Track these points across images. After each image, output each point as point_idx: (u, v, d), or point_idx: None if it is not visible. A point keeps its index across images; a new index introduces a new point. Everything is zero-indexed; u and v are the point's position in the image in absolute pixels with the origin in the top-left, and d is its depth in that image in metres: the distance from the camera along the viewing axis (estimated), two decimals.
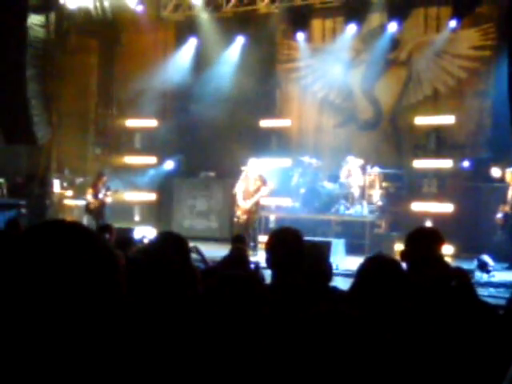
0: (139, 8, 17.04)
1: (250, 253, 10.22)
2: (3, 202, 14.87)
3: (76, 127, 17.78)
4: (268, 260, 3.61)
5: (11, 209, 14.52)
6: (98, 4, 17.25)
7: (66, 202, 16.70)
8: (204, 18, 17.25)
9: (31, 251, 1.38)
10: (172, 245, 3.34)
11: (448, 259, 10.80)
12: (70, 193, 16.89)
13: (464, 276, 4.58)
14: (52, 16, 15.80)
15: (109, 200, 14.90)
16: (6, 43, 14.67)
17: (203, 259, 7.28)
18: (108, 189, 14.96)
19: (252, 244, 12.69)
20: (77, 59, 17.30)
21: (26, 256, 1.37)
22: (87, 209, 14.98)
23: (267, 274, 4.48)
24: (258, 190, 13.26)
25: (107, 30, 17.84)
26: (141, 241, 11.51)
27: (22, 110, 15.01)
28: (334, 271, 6.51)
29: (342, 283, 6.17)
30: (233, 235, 8.99)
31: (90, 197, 14.80)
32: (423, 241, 3.69)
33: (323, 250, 5.20)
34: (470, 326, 2.96)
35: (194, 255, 7.14)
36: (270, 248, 3.62)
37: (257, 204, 13.38)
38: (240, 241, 8.25)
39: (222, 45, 17.05)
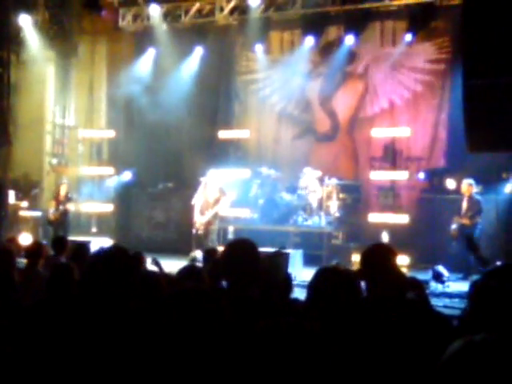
0: (97, 18, 16.94)
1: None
2: None
3: (32, 138, 17.54)
4: (223, 271, 3.61)
5: None
6: (55, 15, 17.08)
7: (21, 213, 16.44)
8: (162, 28, 17.22)
9: None
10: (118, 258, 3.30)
11: (404, 269, 10.94)
12: (25, 204, 16.64)
13: (419, 287, 4.65)
14: (7, 27, 15.60)
15: (71, 208, 14.80)
16: None
17: (161, 271, 7.24)
18: (69, 199, 14.84)
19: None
20: (34, 70, 17.10)
21: None
22: (48, 221, 14.84)
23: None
24: (217, 201, 13.24)
25: (64, 41, 17.68)
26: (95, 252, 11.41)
27: None
28: (292, 282, 6.53)
29: (299, 294, 6.19)
30: (205, 249, 8.98)
31: (52, 209, 14.69)
32: (377, 258, 3.75)
33: (279, 262, 5.22)
34: (424, 337, 3.00)
35: (153, 267, 7.11)
36: (225, 259, 3.62)
37: (216, 215, 13.36)
38: (210, 254, 8.23)
39: (181, 56, 17.04)
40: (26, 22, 16.35)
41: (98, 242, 12.86)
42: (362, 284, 3.49)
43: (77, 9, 17.37)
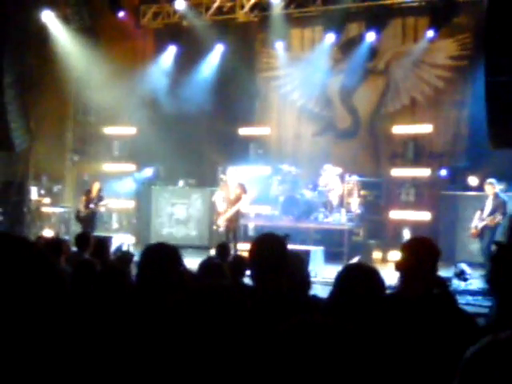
0: (121, 14, 17.01)
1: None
2: None
3: (54, 134, 17.67)
4: (251, 267, 3.57)
5: None
6: (77, 11, 17.19)
7: (44, 209, 16.58)
8: (183, 25, 17.25)
9: None
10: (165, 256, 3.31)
11: None
12: (47, 200, 16.77)
13: (442, 284, 4.62)
14: (30, 24, 15.72)
15: (102, 209, 14.87)
16: None
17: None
18: (101, 198, 14.90)
19: (232, 252, 12.67)
20: (55, 66, 17.21)
21: None
22: (77, 217, 14.89)
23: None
24: (238, 198, 13.24)
25: (85, 37, 17.77)
26: (119, 248, 11.49)
27: (0, 117, 14.90)
28: (313, 279, 6.53)
29: (320, 291, 6.19)
30: (217, 244, 8.96)
31: (81, 206, 14.76)
32: (420, 252, 3.61)
33: (302, 259, 5.21)
34: (450, 334, 2.99)
35: None
36: (254, 254, 3.57)
37: (237, 212, 13.36)
38: (223, 249, 8.24)
39: (202, 53, 17.06)
40: (48, 18, 16.44)
41: (119, 239, 12.97)
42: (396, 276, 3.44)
43: (98, 5, 17.44)
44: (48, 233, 15.10)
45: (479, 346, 1.52)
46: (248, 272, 3.90)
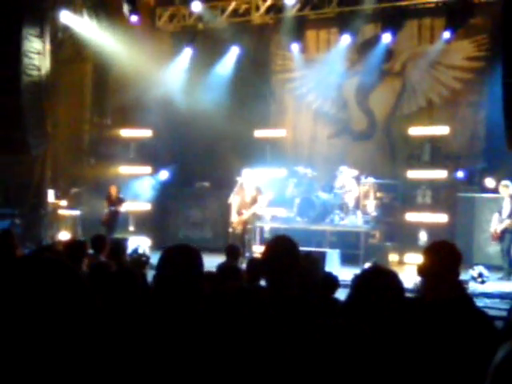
0: (134, 18, 17.06)
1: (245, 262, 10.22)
2: None
3: (71, 137, 17.76)
4: (264, 268, 3.59)
5: (5, 219, 14.48)
6: (93, 14, 17.27)
7: (61, 212, 16.65)
8: (199, 28, 17.28)
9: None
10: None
11: None
12: (64, 203, 16.84)
13: (460, 287, 4.58)
14: (47, 26, 15.80)
15: (122, 210, 14.97)
16: (1, 54, 14.65)
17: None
18: (121, 200, 15.02)
19: (247, 254, 12.68)
20: (71, 69, 17.30)
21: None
22: (101, 221, 15.07)
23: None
24: (254, 200, 13.24)
25: (102, 40, 17.84)
26: (136, 251, 11.53)
27: (17, 120, 14.98)
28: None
29: (337, 293, 6.17)
30: (227, 246, 8.93)
31: (105, 210, 14.96)
32: (442, 256, 3.58)
33: (317, 261, 5.20)
34: (470, 338, 2.97)
35: None
36: (266, 258, 3.60)
37: (253, 214, 13.36)
38: (233, 251, 8.23)
39: (217, 55, 17.09)
40: (66, 19, 16.49)
41: (136, 241, 13.01)
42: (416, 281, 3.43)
43: (115, 8, 17.50)
44: (64, 235, 15.17)
45: (508, 350, 1.51)
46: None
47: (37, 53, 15.59)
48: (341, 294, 5.02)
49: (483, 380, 1.51)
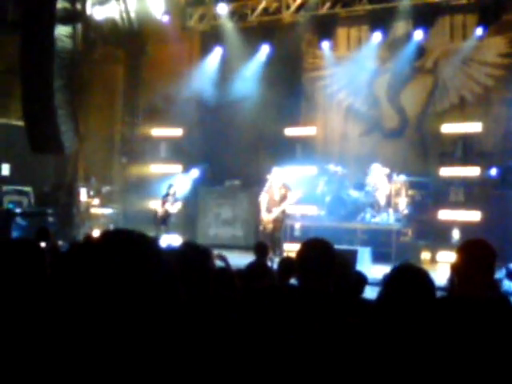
0: (165, 18, 17.16)
1: (277, 260, 10.21)
2: (31, 210, 15.02)
3: (102, 136, 17.93)
4: (298, 269, 3.58)
5: (38, 217, 14.65)
6: (124, 15, 17.42)
7: (93, 210, 16.82)
8: (229, 27, 17.31)
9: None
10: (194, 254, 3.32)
11: None
12: (96, 201, 17.01)
13: (494, 286, 4.53)
14: (79, 27, 15.95)
15: (173, 210, 14.95)
16: (34, 54, 14.84)
17: (228, 267, 7.28)
18: (176, 200, 15.04)
19: (278, 252, 12.67)
20: (103, 69, 17.46)
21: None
22: (155, 220, 15.06)
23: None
24: (283, 198, 13.22)
25: (133, 40, 17.99)
26: (167, 249, 11.59)
27: (50, 120, 15.15)
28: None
29: (368, 292, 6.13)
30: (255, 243, 8.89)
31: (158, 206, 14.96)
32: (477, 254, 3.54)
33: (349, 259, 5.18)
34: (506, 336, 2.93)
35: (218, 262, 7.15)
36: (301, 258, 3.58)
37: (283, 212, 13.33)
38: (261, 248, 8.21)
39: (247, 54, 17.09)
40: (100, 14, 16.61)
41: (167, 239, 13.08)
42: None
43: (146, 9, 17.61)
44: (97, 233, 15.31)
45: None
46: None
47: (69, 53, 15.75)
48: (373, 293, 4.99)
49: None
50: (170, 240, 12.96)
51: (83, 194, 16.77)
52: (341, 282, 4.19)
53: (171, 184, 15.33)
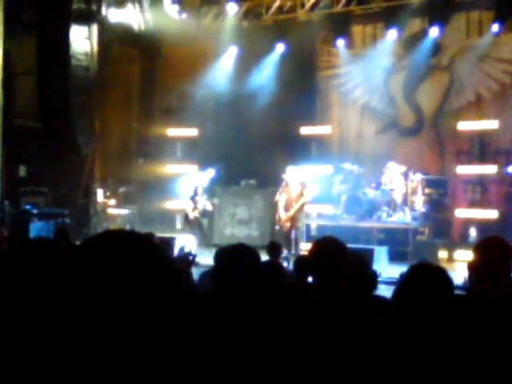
0: (180, 18, 17.19)
1: (293, 259, 10.19)
2: (48, 211, 15.07)
3: (118, 136, 17.98)
4: (311, 268, 3.58)
5: (56, 218, 14.70)
6: (139, 15, 17.46)
7: (110, 210, 16.87)
8: (244, 26, 17.30)
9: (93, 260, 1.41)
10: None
11: None
12: (113, 202, 17.06)
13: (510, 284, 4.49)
14: (94, 27, 16.01)
15: (209, 208, 14.84)
16: (50, 55, 14.92)
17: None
18: (206, 198, 14.92)
19: (294, 251, 12.63)
20: (119, 70, 17.51)
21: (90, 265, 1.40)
22: (186, 220, 14.91)
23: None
24: (300, 196, 13.17)
25: (148, 41, 18.03)
26: (182, 249, 11.58)
27: (66, 121, 15.23)
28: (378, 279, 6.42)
29: (385, 291, 6.10)
30: (268, 242, 8.84)
31: (188, 209, 14.74)
32: (494, 252, 3.51)
33: (366, 259, 5.14)
34: None
35: None
36: (312, 257, 3.60)
37: (301, 210, 13.27)
38: (274, 248, 8.17)
39: (263, 53, 17.08)
40: (115, 17, 16.65)
41: (183, 239, 13.08)
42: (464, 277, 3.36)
43: (161, 8, 17.65)
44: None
45: None
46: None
47: (85, 54, 15.82)
48: (388, 292, 4.96)
49: None
50: (185, 240, 12.96)
51: (100, 195, 16.82)
52: (356, 281, 4.16)
53: (197, 185, 15.19)
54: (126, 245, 1.43)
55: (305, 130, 16.94)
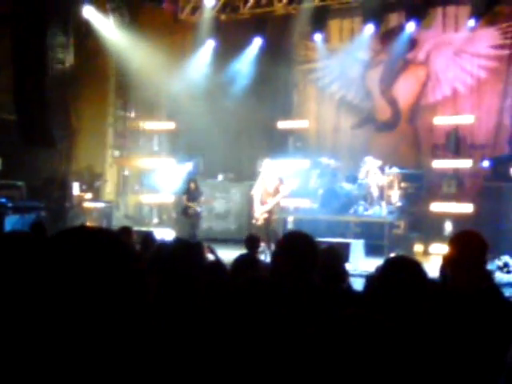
0: (157, 10, 17.10)
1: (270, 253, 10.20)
2: (23, 204, 14.94)
3: (95, 130, 17.85)
4: (279, 263, 3.60)
5: (31, 212, 14.58)
6: (116, 8, 17.32)
7: (86, 204, 16.76)
8: (221, 20, 17.26)
9: (59, 256, 1.39)
10: (184, 250, 3.32)
11: None
12: (88, 195, 16.95)
13: (488, 277, 4.54)
14: (71, 21, 15.88)
15: (198, 209, 14.54)
16: (26, 47, 14.77)
17: (218, 259, 7.28)
18: (199, 195, 14.66)
19: (272, 245, 12.63)
20: (95, 63, 17.37)
21: (55, 261, 1.38)
22: (185, 214, 14.66)
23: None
24: (277, 190, 13.16)
25: (125, 33, 17.89)
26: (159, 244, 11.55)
27: (41, 114, 15.10)
28: (354, 272, 6.48)
29: (361, 285, 6.12)
30: (246, 236, 8.84)
31: (185, 202, 14.44)
32: (468, 245, 3.55)
33: (340, 253, 5.17)
34: (496, 327, 2.94)
35: (209, 255, 7.14)
36: (280, 252, 3.62)
37: (277, 205, 13.27)
38: (252, 241, 8.18)
39: (240, 46, 17.06)
40: (89, 14, 16.55)
41: (160, 233, 13.03)
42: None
43: (137, 1, 17.56)
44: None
45: None
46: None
47: (61, 46, 15.69)
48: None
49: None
50: (162, 234, 12.93)
51: (76, 188, 16.70)
52: (331, 276, 4.19)
53: (190, 179, 15.00)
54: (87, 243, 1.42)
55: (282, 124, 16.96)
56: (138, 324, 1.43)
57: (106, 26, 16.83)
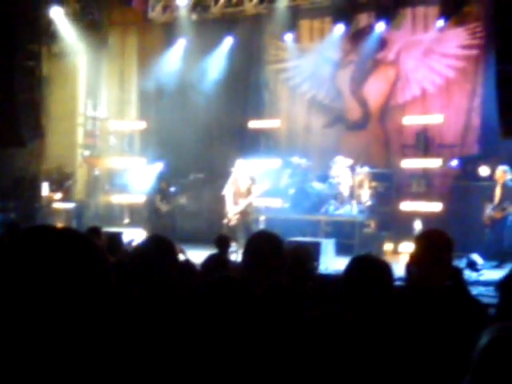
0: (127, 9, 17.01)
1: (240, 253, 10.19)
2: None
3: (64, 130, 17.69)
4: (247, 263, 3.61)
5: (0, 212, 14.44)
6: (86, 6, 17.20)
7: (55, 205, 16.62)
8: (192, 19, 17.22)
9: (25, 256, 1.37)
10: (160, 248, 3.32)
11: None
12: (58, 195, 16.81)
13: (457, 274, 4.60)
14: (40, 20, 15.74)
15: (166, 208, 14.49)
16: None
17: (187, 259, 7.29)
18: (173, 194, 14.58)
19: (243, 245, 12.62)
20: (65, 62, 17.22)
21: (20, 261, 1.36)
22: (157, 214, 14.59)
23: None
24: (249, 191, 13.17)
25: (95, 33, 17.78)
26: (130, 244, 11.50)
27: (11, 113, 14.95)
28: (324, 272, 6.51)
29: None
30: (217, 236, 8.83)
31: (158, 203, 14.42)
32: (434, 244, 3.59)
33: (308, 252, 5.19)
34: (461, 325, 2.97)
35: (180, 255, 7.14)
36: (247, 252, 3.63)
37: (250, 205, 13.28)
38: (222, 241, 8.19)
39: (210, 46, 17.03)
40: (57, 14, 16.44)
41: (131, 233, 12.97)
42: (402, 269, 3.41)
43: (107, 0, 17.45)
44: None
45: (490, 335, 1.51)
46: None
47: (30, 46, 15.54)
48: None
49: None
50: (134, 234, 12.86)
51: (45, 189, 16.56)
52: (301, 275, 4.21)
53: (162, 178, 14.98)
54: (51, 242, 1.40)
55: (253, 124, 16.96)
56: (104, 326, 1.43)
57: (75, 26, 16.70)
